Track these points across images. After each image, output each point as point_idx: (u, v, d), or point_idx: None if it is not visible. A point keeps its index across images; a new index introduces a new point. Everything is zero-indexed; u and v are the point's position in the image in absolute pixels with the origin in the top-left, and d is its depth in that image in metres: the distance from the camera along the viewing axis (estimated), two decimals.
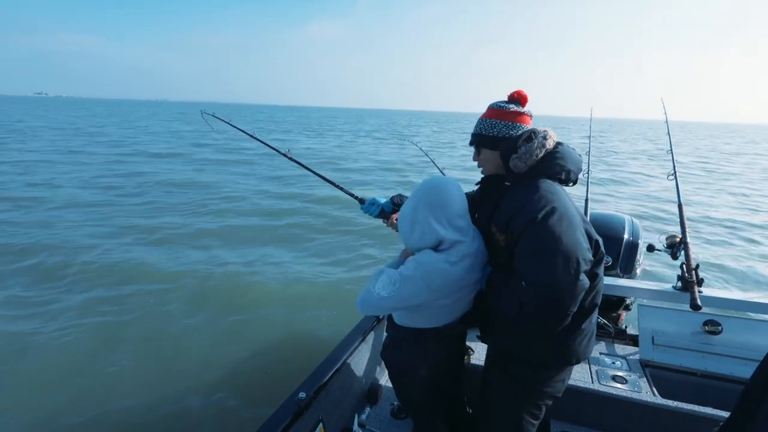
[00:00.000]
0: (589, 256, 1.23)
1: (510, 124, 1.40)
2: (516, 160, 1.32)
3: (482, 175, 1.52)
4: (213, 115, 2.66)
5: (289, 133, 33.91)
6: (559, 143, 1.38)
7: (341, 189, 2.10)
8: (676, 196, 2.41)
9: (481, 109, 1.54)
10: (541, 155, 1.32)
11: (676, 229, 2.34)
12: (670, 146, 2.78)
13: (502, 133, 1.41)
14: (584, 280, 1.19)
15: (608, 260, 2.70)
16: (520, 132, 1.39)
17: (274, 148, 2.31)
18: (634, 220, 2.94)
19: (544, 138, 1.34)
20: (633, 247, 2.73)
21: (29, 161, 14.06)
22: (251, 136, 2.41)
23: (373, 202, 1.84)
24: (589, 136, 3.56)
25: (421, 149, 3.28)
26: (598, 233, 1.37)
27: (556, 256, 1.16)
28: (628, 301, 2.79)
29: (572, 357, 1.38)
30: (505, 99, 1.45)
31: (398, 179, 13.58)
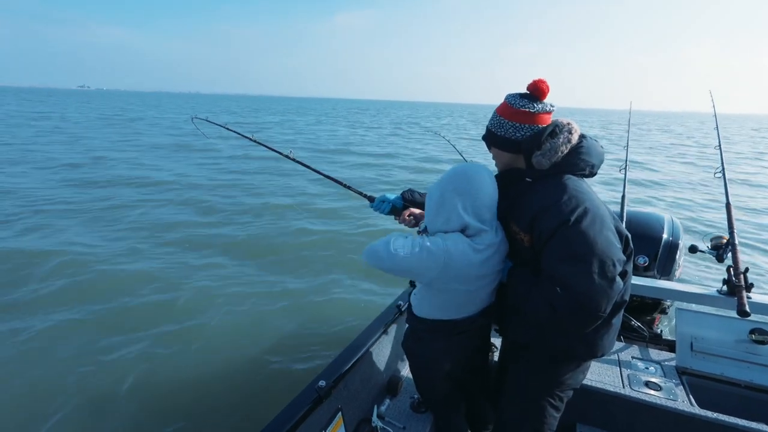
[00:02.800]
0: (622, 256, 1.18)
1: (518, 125, 1.32)
2: (540, 157, 1.26)
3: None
4: (206, 120, 2.50)
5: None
6: (582, 136, 1.31)
7: (349, 188, 2.06)
8: (724, 194, 2.26)
9: None
10: (566, 151, 1.26)
11: (722, 230, 2.19)
12: (719, 141, 2.61)
13: (508, 135, 1.34)
14: (619, 282, 1.14)
15: (645, 261, 2.57)
16: (528, 133, 1.30)
17: (276, 151, 2.24)
18: (675, 219, 2.78)
19: (569, 132, 1.27)
20: (672, 247, 2.58)
21: None
22: (251, 139, 2.31)
23: (383, 200, 1.80)
24: (628, 131, 3.41)
25: (449, 142, 3.21)
26: (636, 232, 1.30)
27: (592, 260, 1.11)
28: (665, 305, 2.64)
29: (597, 351, 1.35)
30: (524, 91, 1.34)
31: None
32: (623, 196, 2.78)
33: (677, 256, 2.59)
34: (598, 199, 1.26)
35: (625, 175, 2.98)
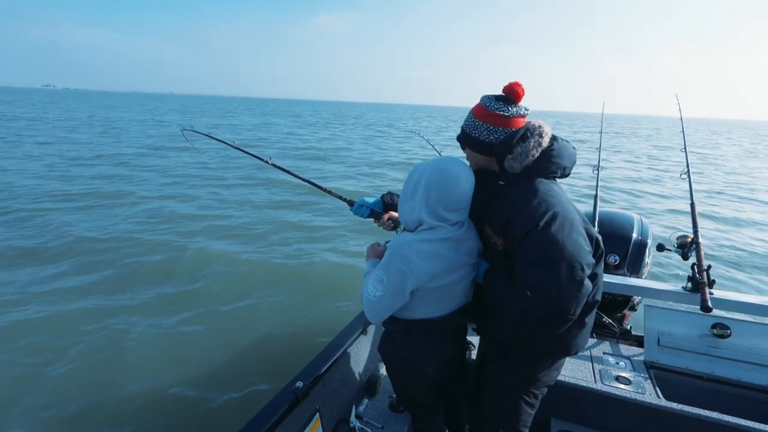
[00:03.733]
0: (591, 259, 1.21)
1: (491, 128, 1.34)
2: (511, 161, 1.27)
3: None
4: (192, 130, 2.46)
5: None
6: (554, 138, 1.33)
7: (329, 192, 2.05)
8: (689, 194, 2.37)
9: None
10: (537, 155, 1.27)
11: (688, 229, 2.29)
12: (684, 144, 2.72)
13: (482, 137, 1.35)
14: (588, 285, 1.17)
15: (615, 259, 2.65)
16: (502, 136, 1.33)
17: (257, 157, 2.23)
18: (644, 219, 2.89)
19: (540, 136, 1.28)
20: (641, 246, 2.68)
21: None
22: (234, 146, 2.29)
23: (362, 204, 1.81)
24: (600, 132, 3.51)
25: (428, 141, 3.23)
26: (606, 232, 1.34)
27: (560, 264, 1.14)
28: (635, 302, 2.73)
29: (571, 349, 1.38)
30: (499, 93, 1.36)
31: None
32: (596, 196, 2.87)
33: (646, 255, 2.68)
34: (569, 202, 1.29)
35: (598, 175, 3.07)
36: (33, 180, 9.89)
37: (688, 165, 2.57)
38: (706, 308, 1.84)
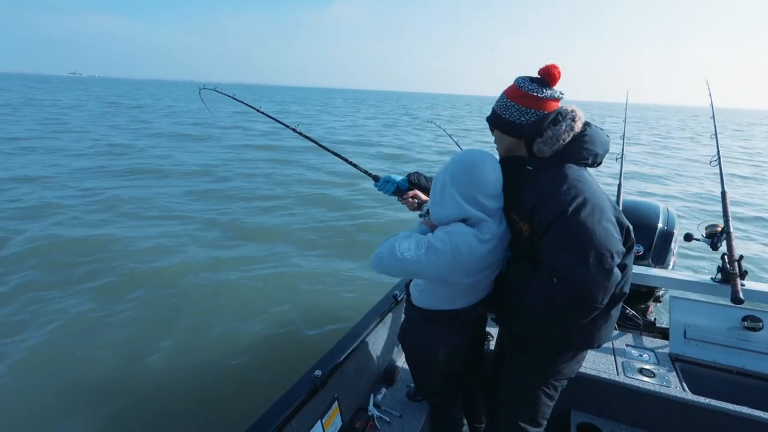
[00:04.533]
0: (621, 247, 1.16)
1: (523, 109, 1.29)
2: (541, 145, 1.23)
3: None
4: (215, 90, 2.36)
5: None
6: (587, 124, 1.28)
7: (355, 166, 2.01)
8: (719, 183, 2.26)
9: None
10: (568, 140, 1.23)
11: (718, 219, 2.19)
12: (715, 131, 2.60)
13: (513, 118, 1.31)
14: (617, 274, 1.12)
15: (639, 249, 2.57)
16: (533, 118, 1.28)
17: (283, 123, 2.16)
18: (670, 208, 2.79)
19: (573, 120, 1.23)
20: (667, 236, 2.59)
21: None
22: (259, 110, 2.21)
23: (388, 180, 1.77)
24: (624, 120, 3.40)
25: (445, 131, 3.17)
26: (631, 221, 1.28)
27: (589, 251, 1.09)
28: (659, 293, 2.66)
29: (594, 342, 1.35)
30: (534, 75, 1.32)
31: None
32: (619, 185, 2.78)
33: (672, 245, 2.59)
34: (599, 189, 1.24)
35: (622, 164, 2.98)
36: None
37: (718, 151, 2.46)
38: (737, 300, 1.77)
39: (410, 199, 1.72)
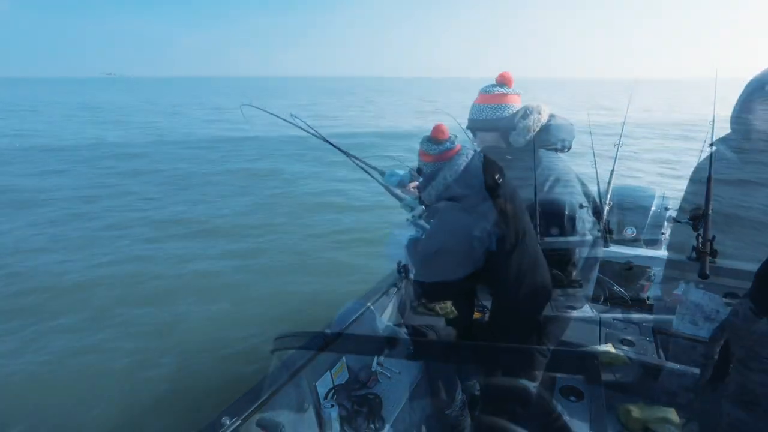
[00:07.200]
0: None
1: (495, 106, 1.55)
2: (516, 136, 1.49)
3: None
4: (251, 105, 2.54)
5: None
6: (552, 116, 1.52)
7: (360, 161, 2.21)
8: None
9: None
10: (537, 129, 1.48)
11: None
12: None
13: (489, 116, 1.56)
14: None
15: (633, 231, 2.73)
16: (506, 112, 1.53)
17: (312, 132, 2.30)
18: (663, 192, 2.91)
19: (539, 113, 1.49)
20: (658, 218, 2.73)
21: None
22: (288, 122, 2.37)
23: (392, 174, 2.01)
24: (627, 106, 3.47)
25: (455, 119, 3.33)
26: (623, 205, 1.54)
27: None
28: (650, 272, 2.81)
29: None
30: (493, 83, 1.58)
31: None
32: (612, 171, 2.91)
33: (663, 228, 2.74)
34: (570, 170, 1.50)
35: (617, 149, 3.09)
36: None
37: (713, 134, 2.54)
38: (703, 275, 1.93)
39: (412, 189, 1.99)
